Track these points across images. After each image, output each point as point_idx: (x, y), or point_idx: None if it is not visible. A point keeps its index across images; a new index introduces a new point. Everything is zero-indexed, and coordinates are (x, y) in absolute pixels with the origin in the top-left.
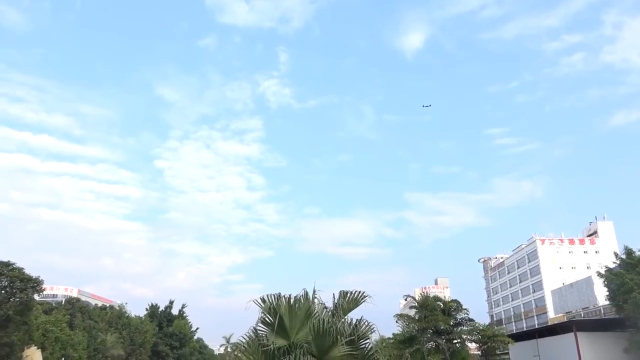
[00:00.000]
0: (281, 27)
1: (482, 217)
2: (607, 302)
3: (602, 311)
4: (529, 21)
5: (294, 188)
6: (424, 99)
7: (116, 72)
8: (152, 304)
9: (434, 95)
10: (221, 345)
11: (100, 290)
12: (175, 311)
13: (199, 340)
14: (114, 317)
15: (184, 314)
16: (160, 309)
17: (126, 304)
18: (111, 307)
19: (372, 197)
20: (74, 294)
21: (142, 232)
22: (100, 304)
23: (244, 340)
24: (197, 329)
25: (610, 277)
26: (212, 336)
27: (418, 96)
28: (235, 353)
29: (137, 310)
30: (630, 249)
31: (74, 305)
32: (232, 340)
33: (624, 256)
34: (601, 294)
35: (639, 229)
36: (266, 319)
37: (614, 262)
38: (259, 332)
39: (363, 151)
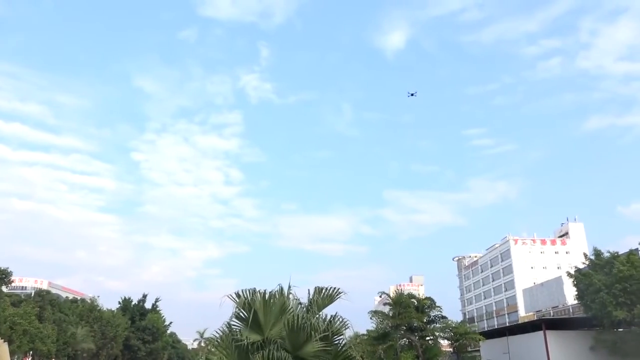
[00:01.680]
0: (263, 22)
1: (458, 216)
2: (576, 302)
3: (571, 310)
4: (508, 25)
5: (272, 183)
6: (404, 98)
7: (94, 62)
8: (125, 297)
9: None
10: (195, 340)
11: (72, 283)
12: (148, 305)
13: (172, 334)
14: (85, 310)
15: (158, 308)
16: (133, 303)
17: (98, 297)
18: (82, 300)
19: (351, 194)
20: (44, 286)
21: (117, 225)
22: (71, 296)
23: (217, 335)
24: (171, 323)
25: (579, 277)
26: (186, 331)
27: (398, 95)
28: (209, 348)
29: (109, 303)
30: (599, 251)
31: (43, 298)
32: (206, 335)
33: (592, 257)
34: (570, 294)
35: (608, 230)
36: (240, 314)
37: (583, 263)
38: (232, 327)
39: (343, 148)
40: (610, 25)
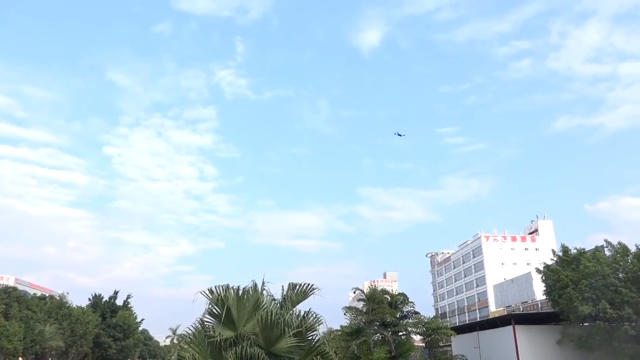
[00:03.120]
0: (239, 17)
1: (431, 213)
2: (544, 297)
3: (540, 305)
4: (481, 26)
5: (247, 180)
6: (380, 95)
7: (66, 54)
8: (95, 294)
9: (388, 92)
10: (167, 337)
11: (41, 280)
12: (120, 302)
13: (144, 331)
14: (53, 307)
15: (129, 305)
16: (104, 300)
17: (67, 293)
18: (51, 297)
19: (326, 191)
20: (11, 283)
21: (88, 220)
22: (39, 293)
23: (190, 332)
24: (143, 320)
25: (548, 273)
26: (159, 327)
27: (374, 92)
28: (181, 345)
29: (80, 300)
30: (567, 247)
31: (10, 295)
32: (179, 332)
33: (560, 254)
34: (539, 289)
35: (576, 228)
36: (213, 310)
37: (552, 259)
38: (205, 323)
39: (318, 145)
40: (579, 28)
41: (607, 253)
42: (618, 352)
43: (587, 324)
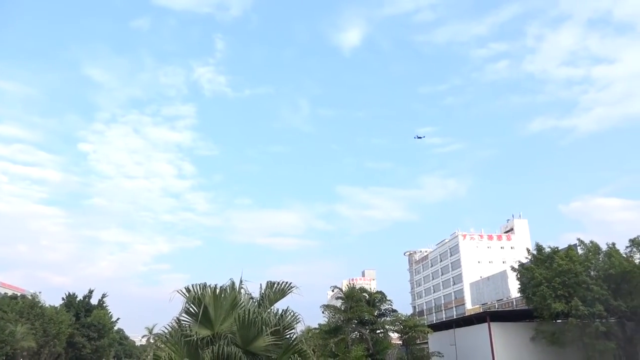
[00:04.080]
0: (219, 14)
1: (409, 212)
2: (519, 295)
3: (514, 303)
4: (459, 28)
5: (226, 177)
6: (360, 94)
7: (40, 49)
8: (69, 293)
9: (368, 92)
10: (143, 336)
11: (12, 279)
12: (94, 301)
13: (120, 331)
14: (25, 306)
15: (104, 304)
16: (78, 299)
17: (40, 293)
18: (23, 296)
19: (305, 189)
20: None
21: (61, 218)
22: (10, 292)
23: (166, 331)
24: (118, 319)
25: (522, 271)
26: (135, 327)
27: (354, 92)
28: (157, 344)
29: (53, 300)
30: (541, 246)
31: None
32: (155, 331)
33: (535, 252)
34: (514, 287)
35: (550, 227)
36: (190, 309)
37: (526, 258)
38: (182, 322)
39: (298, 143)
40: (555, 32)
41: (580, 251)
42: (589, 348)
43: (559, 320)
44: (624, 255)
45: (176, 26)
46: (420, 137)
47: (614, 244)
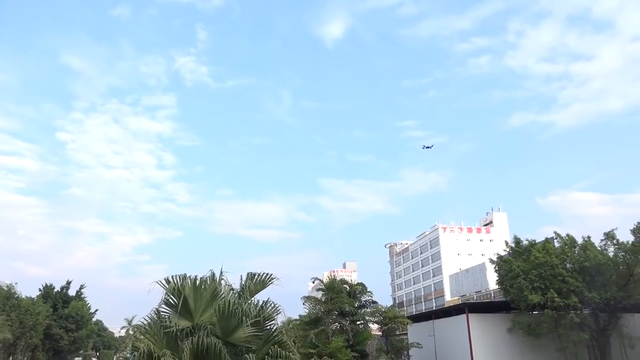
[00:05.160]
0: (200, 3)
1: (391, 205)
2: (497, 287)
3: (493, 295)
4: (442, 22)
5: (207, 168)
6: (343, 87)
7: (17, 36)
8: (46, 284)
9: (351, 84)
10: (122, 328)
11: None
12: (72, 292)
13: (99, 322)
14: (1, 297)
15: (83, 295)
16: (55, 290)
17: (16, 284)
18: None
19: (287, 181)
20: None
21: (39, 208)
22: None
23: (145, 322)
24: (97, 310)
25: (500, 263)
26: (114, 318)
27: (336, 84)
28: (136, 335)
29: (29, 291)
30: (519, 239)
31: None
32: (135, 323)
33: (513, 245)
34: (492, 279)
35: (528, 220)
36: (170, 300)
37: (505, 250)
38: (161, 313)
39: (280, 135)
40: (535, 28)
41: (556, 244)
42: (563, 339)
43: (536, 312)
44: (599, 249)
45: (157, 15)
46: (428, 147)
47: (589, 237)
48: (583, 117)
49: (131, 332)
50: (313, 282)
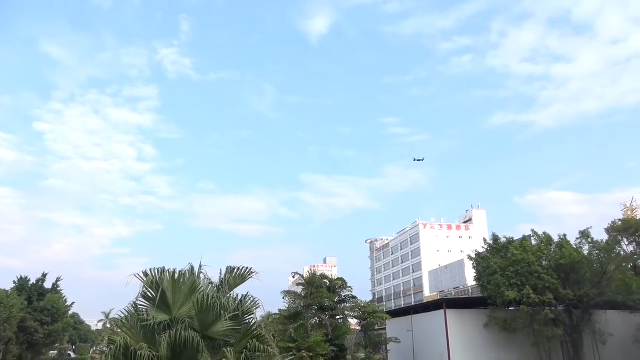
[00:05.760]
0: None
1: (372, 201)
2: (475, 283)
3: (470, 291)
4: (425, 20)
5: (188, 161)
6: (326, 82)
7: None
8: (21, 276)
9: (334, 80)
10: (100, 321)
11: None
12: (48, 285)
13: (75, 315)
14: None
15: (59, 288)
16: (30, 282)
17: None
18: None
19: (269, 176)
20: None
21: (14, 199)
22: None
23: (122, 316)
24: (73, 303)
25: (479, 260)
26: (92, 311)
27: (320, 79)
28: (113, 329)
29: (3, 283)
30: (497, 236)
31: None
32: (112, 316)
33: (491, 242)
34: (471, 276)
35: (506, 218)
36: (148, 293)
37: (483, 247)
38: (139, 307)
39: (263, 129)
40: (517, 29)
41: (533, 242)
42: (538, 334)
43: (512, 308)
44: (574, 247)
45: (139, 5)
46: (419, 160)
47: (565, 236)
48: (562, 117)
49: (108, 326)
50: (293, 277)
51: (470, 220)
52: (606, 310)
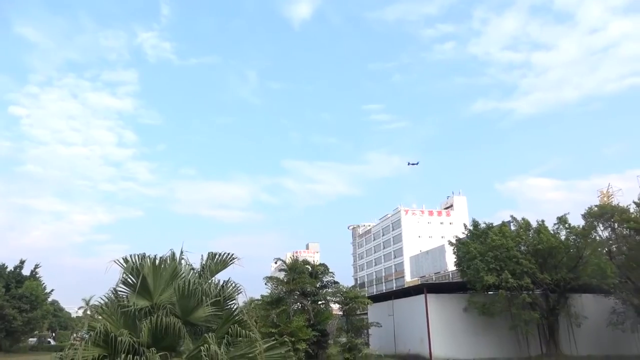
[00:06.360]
0: None
1: (354, 187)
2: (455, 268)
3: (451, 276)
4: (409, 6)
5: (169, 147)
6: (309, 68)
7: None
8: None
9: (318, 67)
10: (80, 308)
11: None
12: (27, 272)
13: (55, 302)
14: None
15: (37, 275)
16: (8, 269)
17: None
18: None
19: (251, 162)
20: None
21: None
22: None
23: (102, 302)
24: (52, 290)
25: (459, 245)
26: (72, 298)
27: (303, 65)
28: (93, 315)
29: None
30: (477, 222)
31: None
32: (92, 303)
33: (471, 228)
34: (451, 261)
35: (486, 204)
36: (128, 279)
37: (463, 233)
38: (119, 293)
39: (245, 115)
40: (499, 16)
41: (512, 228)
42: (515, 318)
43: (490, 292)
44: (552, 232)
45: None
46: (414, 164)
47: (543, 221)
48: (541, 105)
49: (88, 312)
50: (275, 263)
51: (451, 206)
52: (581, 294)
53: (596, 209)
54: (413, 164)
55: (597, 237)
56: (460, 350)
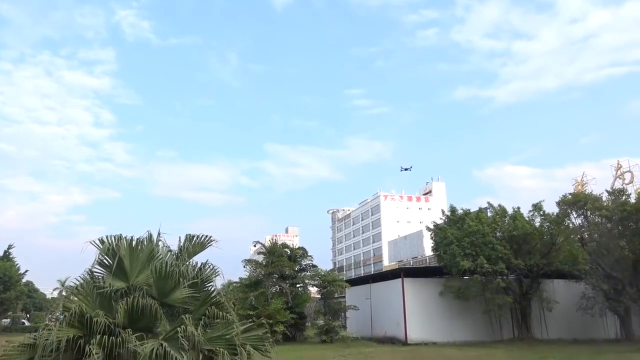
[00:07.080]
0: None
1: (334, 172)
2: (432, 253)
3: (428, 260)
4: None
5: (148, 128)
6: (291, 52)
7: None
8: None
9: (300, 50)
10: (55, 289)
11: None
12: (0, 252)
13: (29, 283)
14: None
15: (11, 256)
16: None
17: None
18: None
19: (232, 145)
20: None
21: None
22: None
23: (78, 283)
24: (27, 271)
25: (436, 231)
26: (47, 280)
27: (285, 49)
28: (69, 296)
29: None
30: (455, 208)
31: None
32: (68, 284)
33: (449, 214)
34: (428, 246)
35: (465, 190)
36: (104, 260)
37: (441, 219)
38: (95, 274)
39: (225, 98)
40: (482, 4)
41: (489, 214)
42: (489, 302)
43: (466, 277)
44: (527, 219)
45: None
46: (407, 169)
47: (519, 208)
48: (521, 94)
49: (64, 294)
50: (255, 246)
51: (430, 192)
52: (553, 279)
53: (570, 197)
54: (406, 169)
55: (570, 225)
56: (435, 334)
